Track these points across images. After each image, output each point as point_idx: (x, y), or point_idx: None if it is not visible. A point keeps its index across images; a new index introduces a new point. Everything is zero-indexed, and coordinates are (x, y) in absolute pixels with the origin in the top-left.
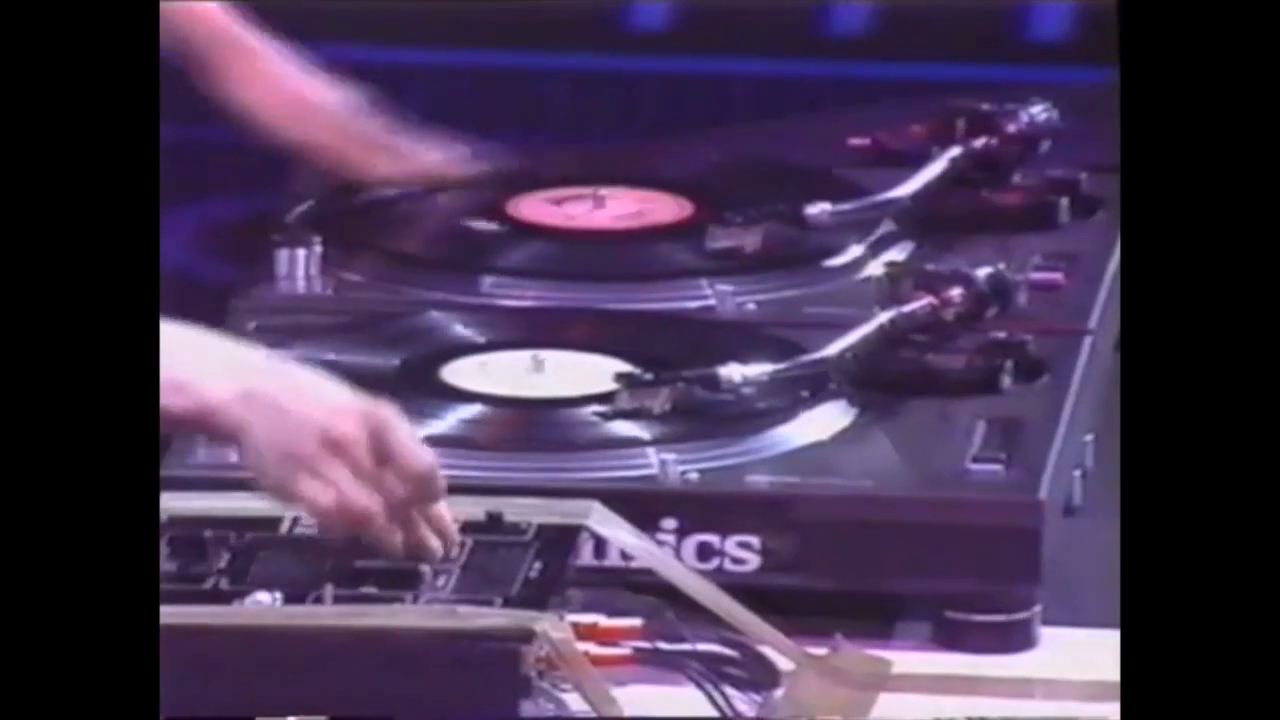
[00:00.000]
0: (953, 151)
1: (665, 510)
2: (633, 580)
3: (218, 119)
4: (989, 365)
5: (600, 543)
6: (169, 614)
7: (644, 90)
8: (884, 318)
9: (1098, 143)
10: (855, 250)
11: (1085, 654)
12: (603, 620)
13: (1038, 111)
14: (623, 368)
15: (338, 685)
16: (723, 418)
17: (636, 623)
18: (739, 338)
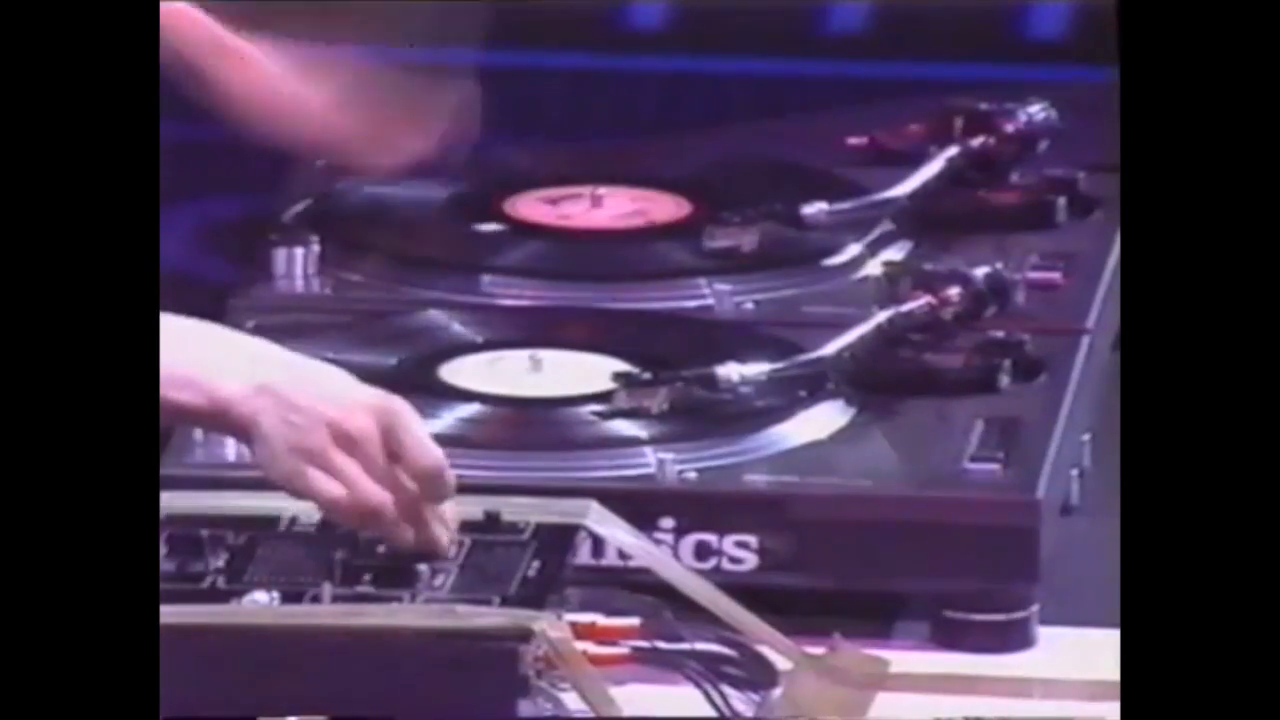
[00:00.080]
0: (950, 151)
1: (663, 509)
2: (631, 579)
3: (217, 119)
4: (987, 364)
5: (598, 542)
6: (167, 613)
7: (642, 90)
8: (882, 317)
9: (1096, 142)
10: (853, 249)
11: (1083, 653)
12: (601, 619)
13: (1036, 111)
14: (621, 367)
15: (335, 685)
16: (721, 417)
17: (634, 622)
18: (737, 337)
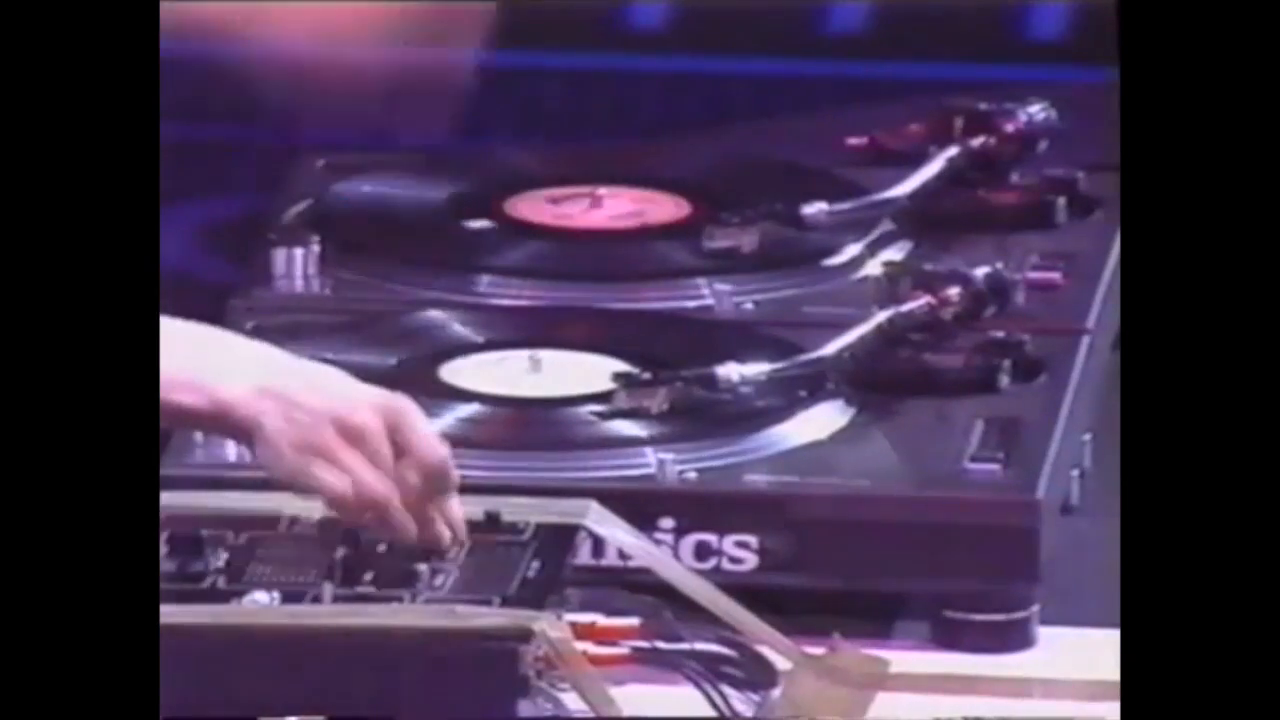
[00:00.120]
0: (950, 151)
1: (663, 509)
2: (630, 580)
3: (217, 119)
4: (987, 364)
5: (598, 542)
6: (167, 613)
7: (643, 90)
8: (882, 317)
9: (1096, 142)
10: (853, 250)
11: (1084, 653)
12: (601, 620)
13: (1036, 111)
14: (620, 367)
15: (336, 685)
16: (720, 417)
17: (634, 622)
18: (737, 337)
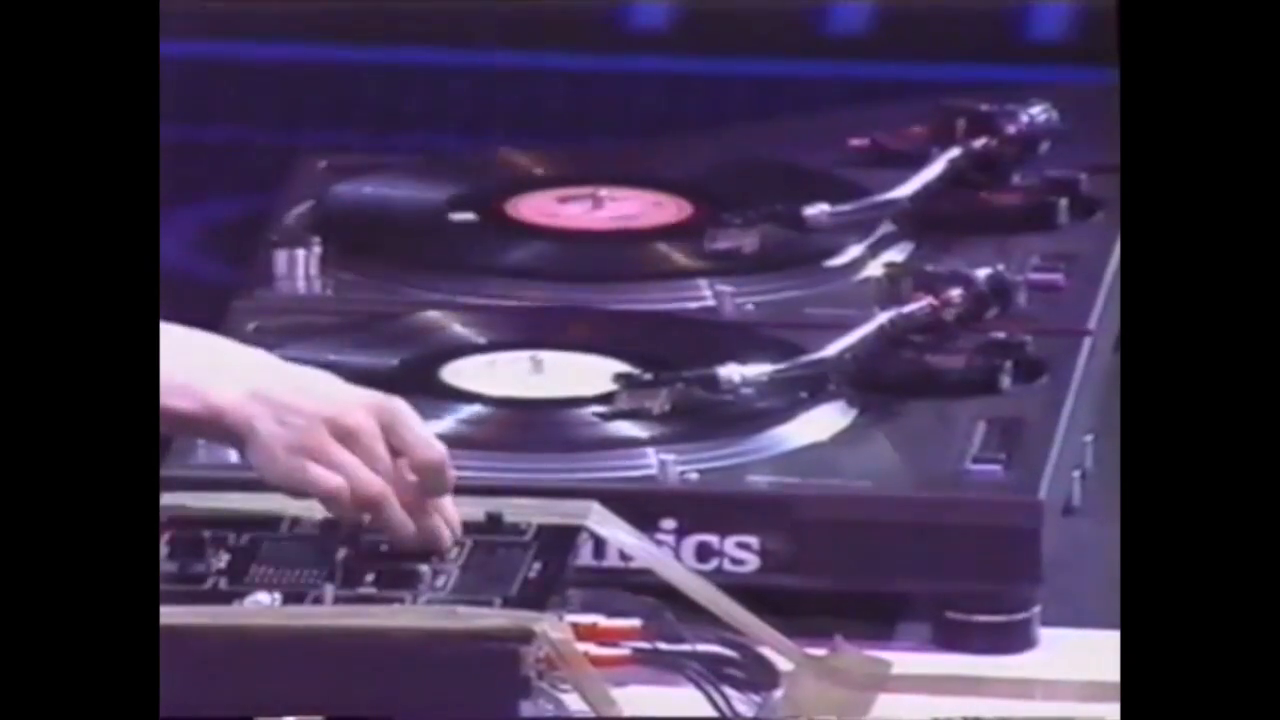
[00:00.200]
0: (952, 152)
1: (664, 510)
2: (632, 581)
3: (218, 119)
4: (988, 366)
5: (599, 543)
6: (168, 614)
7: (644, 90)
8: (883, 318)
9: (1097, 144)
10: (855, 251)
11: (1085, 654)
12: (602, 621)
13: (1037, 112)
14: (622, 368)
15: (337, 685)
16: (722, 418)
17: (636, 623)
18: (738, 338)
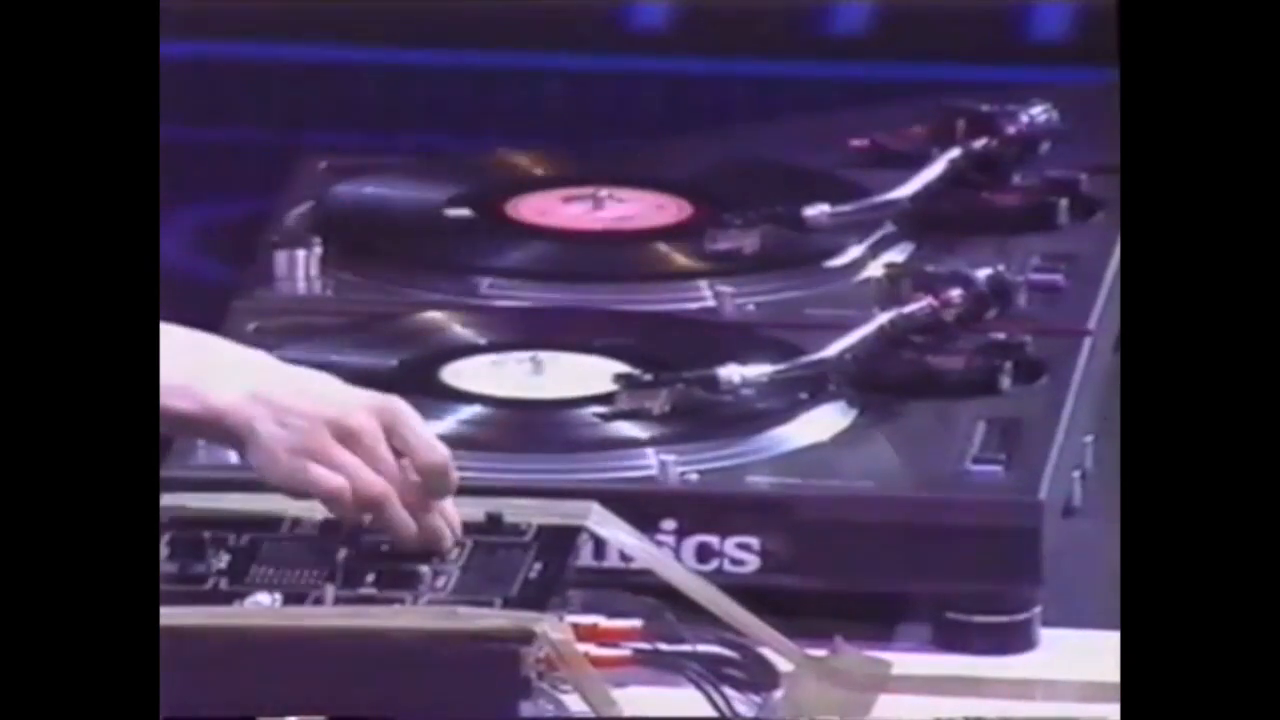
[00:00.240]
0: (952, 152)
1: (665, 511)
2: (632, 581)
3: (218, 119)
4: (988, 366)
5: (600, 544)
6: (169, 615)
7: (644, 90)
8: (883, 319)
9: (1097, 144)
10: (855, 251)
11: (1085, 655)
12: (602, 621)
13: (1037, 112)
14: (622, 369)
15: (337, 686)
16: (722, 419)
17: (636, 624)
18: (738, 339)
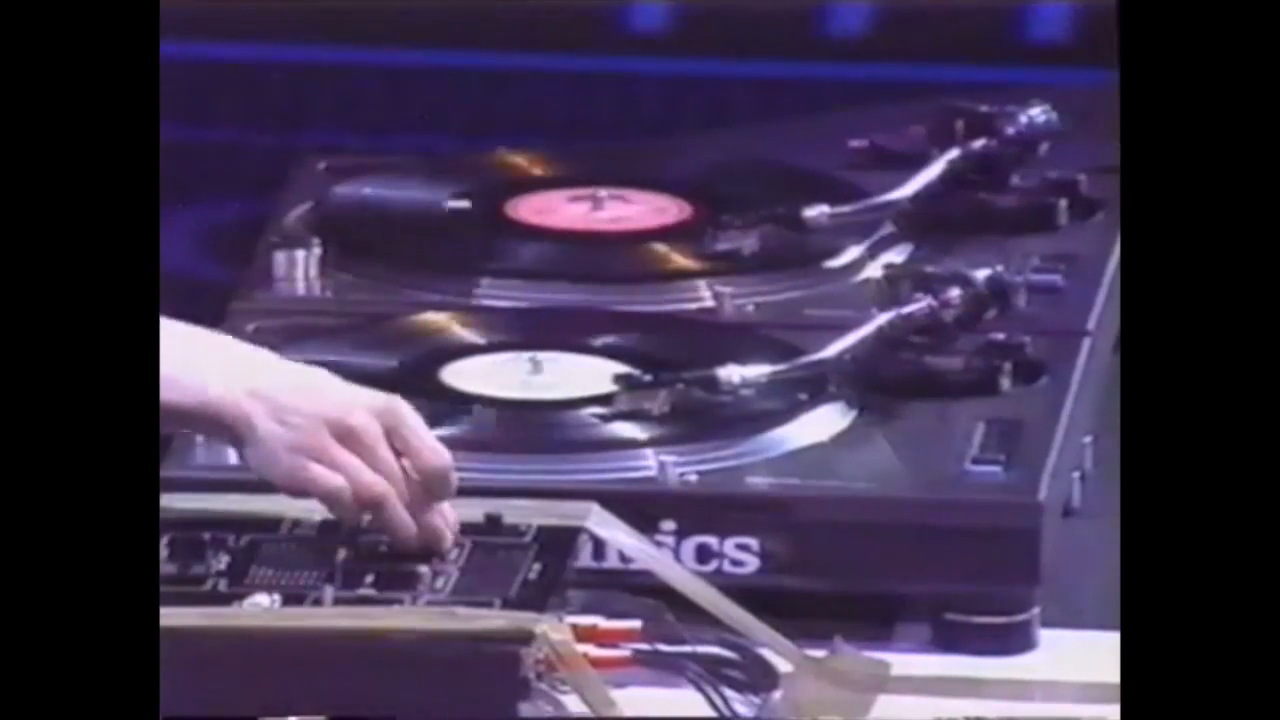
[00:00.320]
0: (952, 153)
1: (664, 512)
2: (632, 582)
3: (218, 119)
4: (988, 367)
5: (599, 544)
6: (168, 615)
7: (644, 91)
8: (883, 319)
9: (1097, 145)
10: (854, 252)
11: (1084, 656)
12: (602, 622)
13: (1037, 113)
14: (621, 369)
15: (336, 687)
16: (722, 419)
17: (636, 624)
18: (738, 339)
